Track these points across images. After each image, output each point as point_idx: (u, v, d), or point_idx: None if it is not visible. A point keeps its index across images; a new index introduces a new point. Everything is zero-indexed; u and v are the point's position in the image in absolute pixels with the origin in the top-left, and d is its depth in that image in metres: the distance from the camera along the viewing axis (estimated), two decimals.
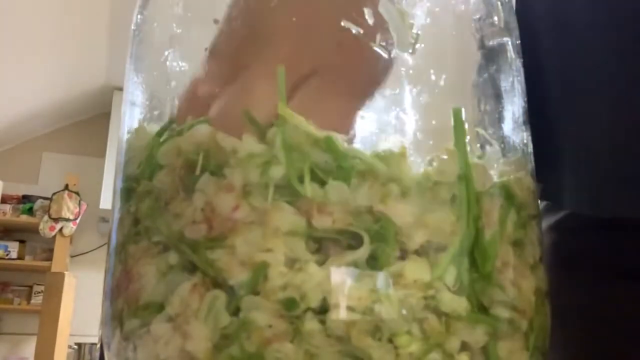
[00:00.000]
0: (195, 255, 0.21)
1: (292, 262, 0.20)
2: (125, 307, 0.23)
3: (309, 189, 0.21)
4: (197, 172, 0.22)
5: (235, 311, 0.20)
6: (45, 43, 2.95)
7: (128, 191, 0.25)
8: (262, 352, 0.20)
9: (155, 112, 0.28)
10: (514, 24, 0.28)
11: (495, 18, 0.28)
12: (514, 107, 0.27)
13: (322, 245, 0.21)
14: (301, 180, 0.21)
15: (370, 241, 0.21)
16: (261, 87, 0.24)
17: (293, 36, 0.25)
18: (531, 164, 0.27)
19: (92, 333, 3.34)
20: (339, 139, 0.22)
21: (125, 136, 0.27)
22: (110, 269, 0.25)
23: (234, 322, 0.20)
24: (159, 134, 0.25)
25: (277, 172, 0.21)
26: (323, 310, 0.20)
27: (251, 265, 0.20)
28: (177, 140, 0.23)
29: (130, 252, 0.24)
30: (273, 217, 0.21)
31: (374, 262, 0.21)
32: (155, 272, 0.22)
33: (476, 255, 0.22)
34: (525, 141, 0.27)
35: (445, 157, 0.23)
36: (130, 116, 0.28)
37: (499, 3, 0.28)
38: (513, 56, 0.28)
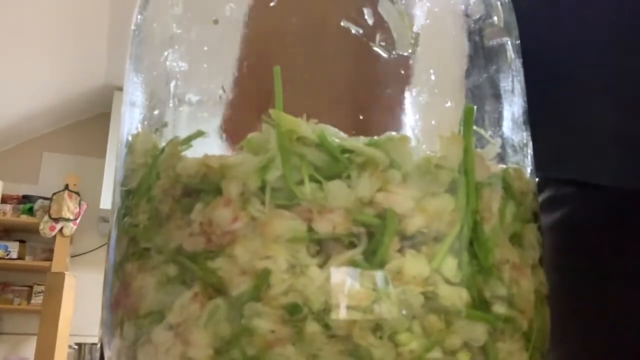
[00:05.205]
0: (194, 265, 0.21)
1: (293, 267, 0.20)
2: (125, 318, 0.23)
3: (309, 191, 0.21)
4: (193, 197, 0.22)
5: (237, 318, 0.20)
6: (45, 43, 2.95)
7: (126, 205, 0.25)
8: (264, 355, 0.20)
9: (155, 112, 0.28)
10: (513, 24, 0.28)
11: (495, 18, 0.28)
12: (513, 107, 0.27)
13: (322, 246, 0.21)
14: (299, 182, 0.21)
15: (370, 236, 0.21)
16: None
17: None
18: (531, 165, 0.27)
19: (92, 333, 3.33)
20: (332, 133, 0.22)
21: (126, 138, 0.27)
22: (108, 283, 0.25)
23: (236, 329, 0.20)
24: (163, 150, 0.25)
25: (274, 175, 0.21)
26: (325, 312, 0.20)
27: (253, 273, 0.20)
28: (174, 163, 0.23)
29: (128, 270, 0.24)
30: (273, 225, 0.21)
31: (373, 258, 0.21)
32: (154, 284, 0.22)
33: (476, 248, 0.22)
34: (525, 141, 0.27)
35: (447, 135, 0.23)
36: (130, 116, 0.28)
37: (498, 3, 0.28)
38: (513, 56, 0.28)
